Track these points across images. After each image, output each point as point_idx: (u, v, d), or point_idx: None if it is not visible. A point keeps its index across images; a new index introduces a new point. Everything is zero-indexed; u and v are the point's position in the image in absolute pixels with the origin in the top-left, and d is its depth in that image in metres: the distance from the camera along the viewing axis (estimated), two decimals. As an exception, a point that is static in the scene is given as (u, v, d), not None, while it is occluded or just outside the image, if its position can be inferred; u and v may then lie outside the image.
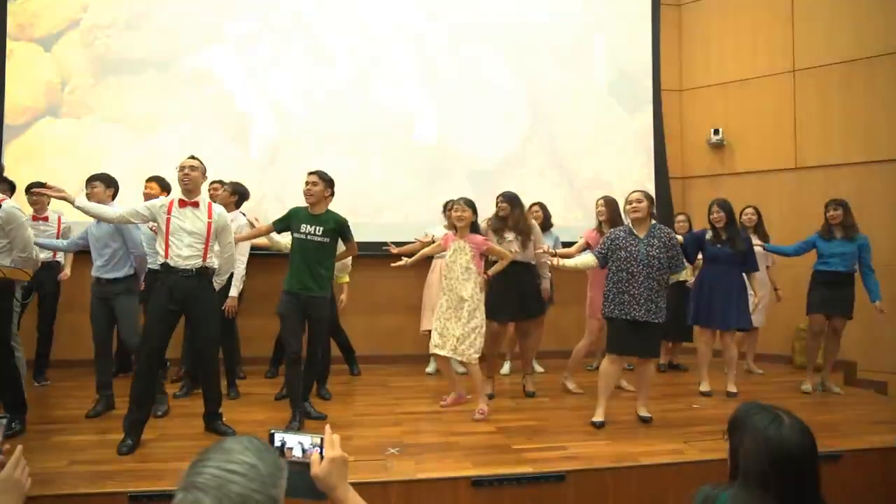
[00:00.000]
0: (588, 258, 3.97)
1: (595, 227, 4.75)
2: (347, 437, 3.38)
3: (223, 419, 3.64)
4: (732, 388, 4.67)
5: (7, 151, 5.42)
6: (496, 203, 4.52)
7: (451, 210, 4.25)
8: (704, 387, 4.72)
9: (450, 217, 4.43)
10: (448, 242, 4.17)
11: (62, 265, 4.89)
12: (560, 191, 6.22)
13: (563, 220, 5.83)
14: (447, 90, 6.11)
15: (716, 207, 4.68)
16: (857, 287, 4.70)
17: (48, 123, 5.52)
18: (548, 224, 5.35)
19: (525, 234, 4.42)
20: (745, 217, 5.33)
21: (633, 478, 3.10)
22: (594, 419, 3.85)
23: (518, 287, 4.45)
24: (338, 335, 5.21)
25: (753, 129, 6.36)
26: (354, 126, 5.88)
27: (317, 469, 1.31)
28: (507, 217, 4.44)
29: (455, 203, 4.19)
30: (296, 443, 1.36)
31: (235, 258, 4.51)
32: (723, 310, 4.61)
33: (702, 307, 4.70)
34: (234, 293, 4.51)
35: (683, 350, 5.73)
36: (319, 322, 3.85)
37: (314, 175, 3.80)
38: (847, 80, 5.81)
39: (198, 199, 3.51)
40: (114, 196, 4.04)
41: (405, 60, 6.05)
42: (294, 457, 1.34)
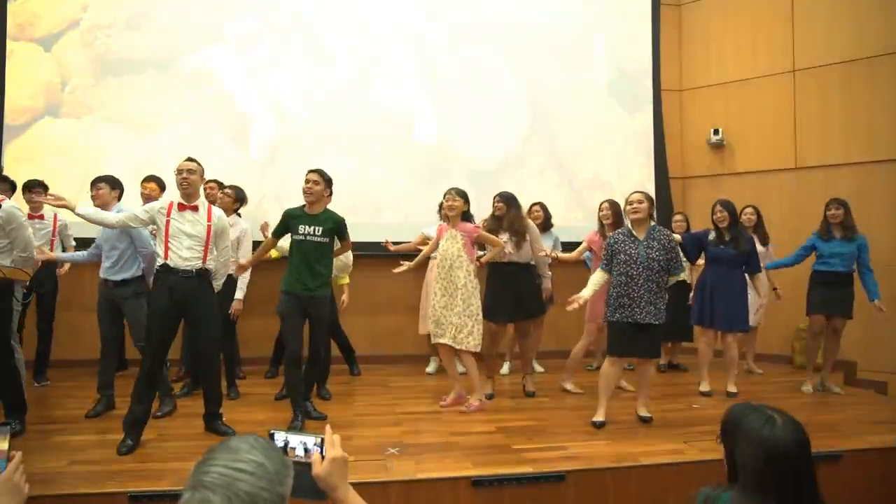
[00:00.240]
0: (599, 276, 3.96)
1: (597, 230, 4.75)
2: (347, 437, 3.37)
3: (223, 419, 3.65)
4: (732, 389, 4.67)
5: (7, 151, 5.42)
6: (493, 203, 4.52)
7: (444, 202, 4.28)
8: (704, 387, 4.72)
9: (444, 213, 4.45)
10: (442, 233, 4.22)
11: (59, 264, 4.87)
12: (560, 191, 6.22)
13: (563, 220, 5.83)
14: (447, 90, 6.11)
15: (719, 207, 4.67)
16: (857, 286, 4.70)
17: (48, 123, 5.52)
18: (548, 224, 5.36)
19: (519, 235, 4.41)
20: (745, 217, 5.32)
21: (633, 478, 3.10)
22: (595, 419, 3.85)
23: (515, 287, 4.45)
24: (338, 335, 5.21)
25: (753, 129, 6.36)
26: (354, 126, 5.88)
27: (318, 469, 1.31)
28: (503, 217, 4.44)
29: (446, 193, 4.21)
30: (298, 443, 1.36)
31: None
32: (725, 311, 4.60)
33: (704, 308, 4.70)
34: (240, 296, 4.53)
35: (683, 350, 5.73)
36: (320, 321, 3.85)
37: (315, 174, 3.78)
38: (847, 80, 5.81)
39: (197, 203, 3.51)
40: (119, 197, 4.04)
41: (405, 60, 6.05)
42: (297, 457, 1.34)
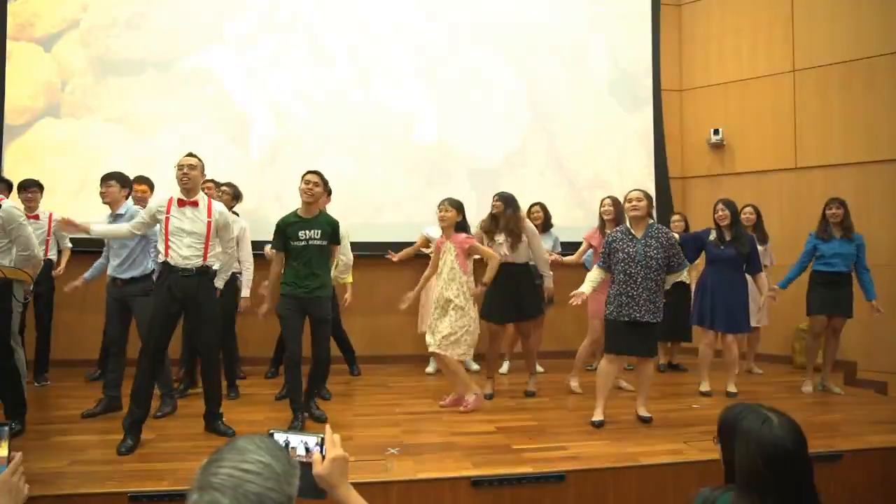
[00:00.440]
0: (597, 273, 3.96)
1: (597, 227, 4.75)
2: (347, 437, 3.37)
3: (223, 419, 3.64)
4: (732, 389, 4.67)
5: (7, 151, 5.42)
6: (492, 202, 4.52)
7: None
8: (705, 387, 4.71)
9: None
10: (439, 246, 4.24)
11: (55, 262, 4.85)
12: (560, 191, 6.22)
13: (564, 220, 5.82)
14: (447, 90, 6.11)
15: (721, 206, 4.65)
16: (855, 285, 4.71)
17: (48, 123, 5.52)
18: (548, 224, 5.35)
19: (515, 236, 4.40)
20: (744, 216, 5.30)
21: (633, 478, 3.10)
22: (593, 419, 3.85)
23: (512, 288, 4.43)
24: (339, 334, 5.21)
25: (753, 129, 6.36)
26: (354, 126, 5.88)
27: (319, 468, 1.32)
28: (499, 216, 4.43)
29: (440, 204, 4.18)
30: (299, 442, 1.36)
31: (243, 263, 4.51)
32: (725, 312, 4.59)
33: (704, 309, 4.69)
34: (247, 293, 4.53)
35: (683, 350, 5.73)
36: (323, 321, 3.81)
37: (315, 175, 3.74)
38: (847, 80, 5.81)
39: (197, 199, 3.49)
40: (128, 196, 4.04)
41: (405, 60, 6.05)
42: (298, 456, 1.34)
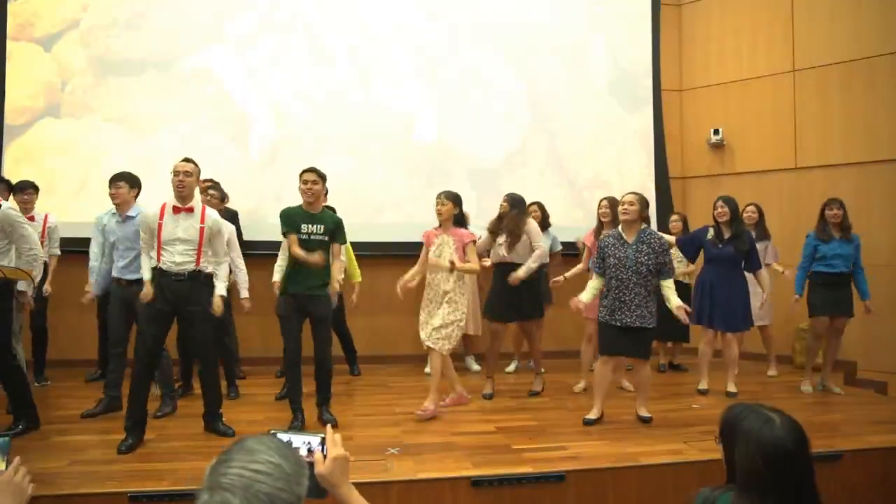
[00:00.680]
0: (597, 282, 3.94)
1: (594, 229, 4.75)
2: (347, 437, 3.36)
3: (223, 419, 3.64)
4: (732, 388, 4.66)
5: (7, 152, 5.42)
6: (501, 203, 4.54)
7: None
8: (703, 385, 4.72)
9: None
10: (431, 239, 4.15)
11: (47, 265, 4.59)
12: (560, 191, 6.22)
13: (563, 220, 5.82)
14: (447, 90, 6.10)
15: (720, 203, 4.63)
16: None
17: (48, 123, 5.51)
18: (546, 224, 5.35)
19: (514, 236, 4.41)
20: (746, 215, 5.30)
21: (633, 478, 3.10)
22: (586, 416, 3.87)
23: (512, 288, 4.40)
24: (343, 333, 5.20)
25: (753, 129, 6.35)
26: (354, 126, 5.87)
27: (321, 468, 1.32)
28: (504, 217, 4.45)
29: (437, 197, 4.15)
30: (301, 442, 1.36)
31: (237, 265, 4.44)
32: (724, 311, 4.59)
33: (703, 308, 4.69)
34: (245, 294, 4.49)
35: (684, 350, 5.73)
36: (324, 321, 3.79)
37: (313, 173, 3.72)
38: (847, 80, 5.80)
39: (192, 205, 3.48)
40: (137, 195, 4.01)
41: (405, 60, 6.05)
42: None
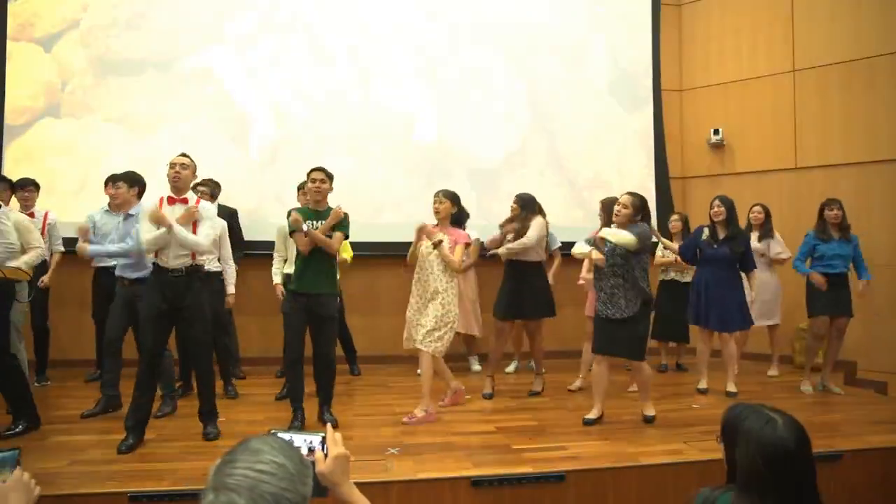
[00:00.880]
0: (583, 246, 4.02)
1: (598, 229, 4.75)
2: (347, 437, 3.33)
3: (218, 418, 3.62)
4: (732, 388, 4.65)
5: (7, 152, 5.41)
6: (511, 204, 4.59)
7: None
8: (702, 384, 4.73)
9: None
10: (431, 231, 4.06)
11: (48, 263, 4.64)
12: (560, 191, 6.22)
13: (564, 220, 5.80)
14: (447, 90, 6.10)
15: (717, 202, 4.63)
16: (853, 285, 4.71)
17: (48, 123, 5.51)
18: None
19: (518, 236, 4.43)
20: (752, 215, 5.29)
21: (633, 478, 3.11)
22: (586, 416, 3.88)
23: (516, 286, 4.45)
24: (343, 333, 5.21)
25: (753, 129, 6.35)
26: (354, 126, 5.87)
27: (322, 466, 1.32)
28: (515, 219, 4.50)
29: (434, 195, 4.13)
30: (302, 441, 1.37)
31: (226, 261, 4.45)
32: (719, 311, 4.58)
33: (699, 308, 4.69)
34: (232, 290, 4.46)
35: (689, 350, 5.72)
36: (328, 320, 3.78)
37: (321, 172, 3.77)
38: (847, 80, 5.80)
39: (186, 197, 3.51)
40: (139, 194, 3.98)
41: (405, 60, 6.05)
42: None
